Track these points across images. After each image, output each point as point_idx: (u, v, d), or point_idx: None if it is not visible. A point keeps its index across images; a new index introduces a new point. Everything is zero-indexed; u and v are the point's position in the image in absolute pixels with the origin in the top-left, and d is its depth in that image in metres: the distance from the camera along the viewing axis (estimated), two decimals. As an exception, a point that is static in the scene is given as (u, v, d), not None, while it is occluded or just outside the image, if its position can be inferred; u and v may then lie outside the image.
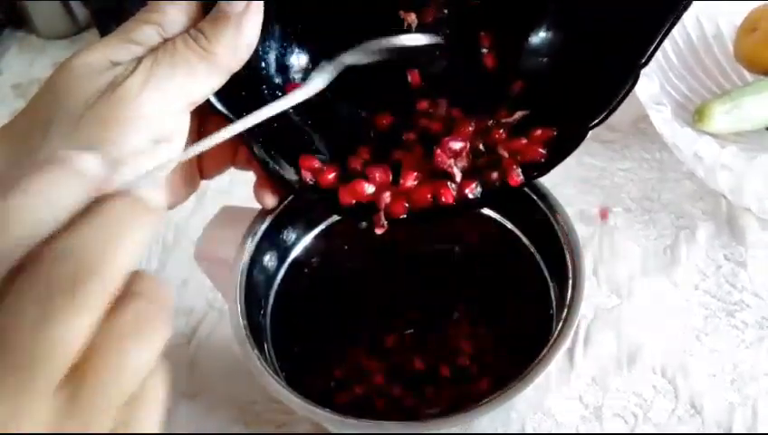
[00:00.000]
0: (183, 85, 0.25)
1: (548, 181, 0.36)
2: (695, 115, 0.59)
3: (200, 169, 0.32)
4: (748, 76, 0.63)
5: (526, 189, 0.36)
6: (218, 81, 0.27)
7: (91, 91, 0.23)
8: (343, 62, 0.30)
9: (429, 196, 0.31)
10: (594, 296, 0.50)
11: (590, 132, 0.29)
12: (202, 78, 0.26)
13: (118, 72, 0.24)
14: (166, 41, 0.25)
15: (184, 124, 0.27)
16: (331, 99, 0.33)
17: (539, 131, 0.30)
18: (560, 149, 0.30)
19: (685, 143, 0.51)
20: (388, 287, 0.48)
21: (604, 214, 0.55)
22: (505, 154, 0.31)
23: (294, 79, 0.33)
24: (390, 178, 0.32)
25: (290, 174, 0.31)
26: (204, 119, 0.31)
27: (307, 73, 0.33)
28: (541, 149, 0.30)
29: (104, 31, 0.82)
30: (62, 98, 0.23)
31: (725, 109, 0.57)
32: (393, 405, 0.45)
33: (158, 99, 0.24)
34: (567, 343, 0.32)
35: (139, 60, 0.24)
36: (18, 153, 0.24)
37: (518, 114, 0.32)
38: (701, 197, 0.57)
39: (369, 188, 0.31)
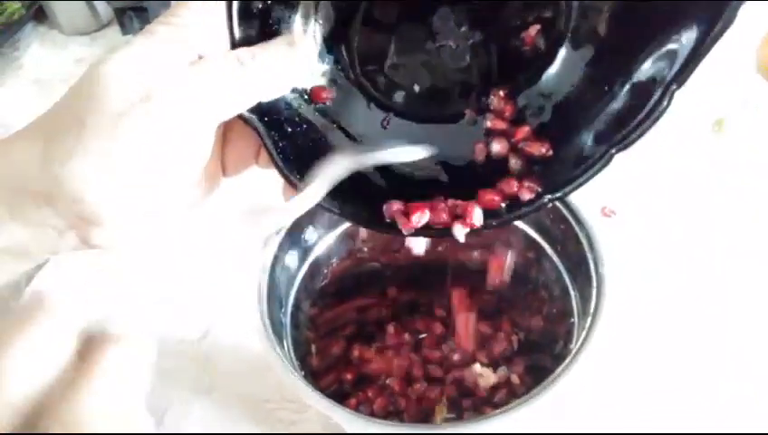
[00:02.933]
0: (216, 103, 0.25)
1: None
2: (714, 125, 0.59)
3: (223, 166, 0.32)
4: (769, 88, 0.63)
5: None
6: (252, 102, 0.27)
7: (125, 100, 0.24)
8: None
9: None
10: (614, 304, 0.50)
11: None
12: (235, 99, 0.26)
13: (152, 82, 0.24)
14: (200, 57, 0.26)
15: (211, 135, 0.27)
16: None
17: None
18: (586, 171, 0.29)
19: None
20: (407, 291, 0.48)
21: (606, 212, 0.56)
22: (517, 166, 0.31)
23: (319, 82, 0.33)
24: None
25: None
26: (228, 124, 0.31)
27: (333, 77, 0.33)
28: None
29: (126, 27, 0.83)
30: (95, 104, 0.24)
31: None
32: (407, 408, 0.45)
33: (193, 113, 0.25)
34: (589, 353, 0.32)
35: (172, 74, 0.25)
36: (52, 153, 0.24)
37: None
38: (721, 204, 0.56)
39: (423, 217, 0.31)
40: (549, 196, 0.29)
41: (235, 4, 0.26)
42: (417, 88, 0.33)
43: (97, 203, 0.24)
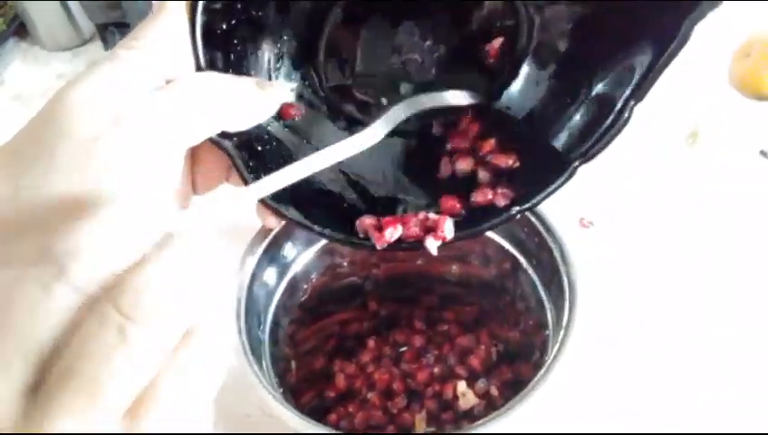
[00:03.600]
0: (184, 128, 0.26)
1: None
2: (688, 138, 0.61)
3: (193, 184, 0.32)
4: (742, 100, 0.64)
5: (526, 212, 0.36)
6: (218, 129, 0.27)
7: (94, 127, 0.24)
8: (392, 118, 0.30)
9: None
10: (588, 316, 0.50)
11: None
12: (202, 125, 0.26)
13: (121, 107, 0.24)
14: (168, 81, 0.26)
15: (181, 159, 0.27)
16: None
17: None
18: (551, 183, 0.29)
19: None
20: (386, 305, 0.48)
21: (584, 223, 0.56)
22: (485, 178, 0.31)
23: (287, 99, 0.33)
24: None
25: (290, 212, 0.30)
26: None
27: (301, 93, 0.33)
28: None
29: (108, 43, 0.83)
30: (66, 130, 0.24)
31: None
32: (388, 423, 0.45)
33: (161, 139, 0.25)
34: (563, 365, 0.33)
35: (139, 99, 0.25)
36: (22, 181, 0.24)
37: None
38: (696, 215, 0.57)
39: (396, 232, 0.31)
40: (517, 207, 0.30)
41: (199, 26, 0.26)
42: (384, 101, 0.33)
43: (69, 231, 0.24)
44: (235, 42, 0.29)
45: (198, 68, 0.27)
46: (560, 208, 0.39)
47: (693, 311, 0.51)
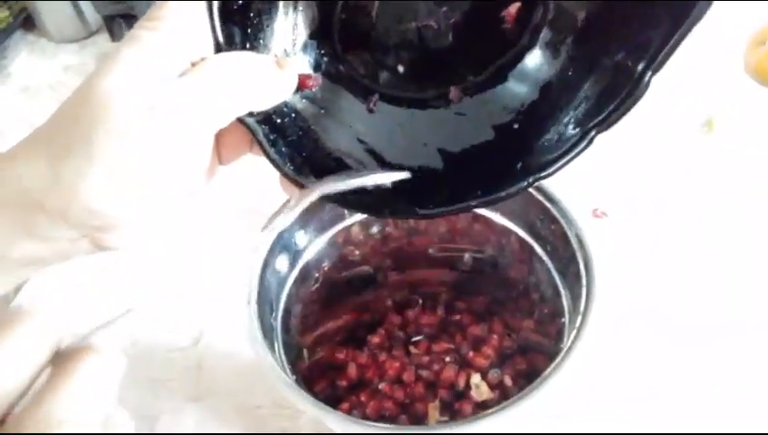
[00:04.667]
0: (212, 114, 0.26)
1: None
2: (703, 126, 0.60)
3: (218, 155, 0.32)
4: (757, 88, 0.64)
5: (541, 199, 0.36)
6: (246, 110, 0.28)
7: (128, 117, 0.24)
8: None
9: None
10: (605, 304, 0.50)
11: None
12: (230, 109, 0.27)
13: (149, 97, 0.25)
14: (193, 64, 0.26)
15: (211, 141, 0.28)
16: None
17: None
18: (568, 152, 0.28)
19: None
20: (398, 294, 0.48)
21: (597, 213, 0.56)
22: None
23: (305, 70, 0.32)
24: None
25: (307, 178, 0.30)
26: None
27: (318, 63, 0.33)
28: None
29: (115, 34, 0.82)
30: (100, 123, 0.24)
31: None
32: (400, 412, 0.45)
33: (192, 125, 0.26)
34: (580, 353, 0.32)
35: (168, 86, 0.25)
36: (62, 173, 0.25)
37: None
38: (710, 204, 0.57)
39: None
40: (532, 177, 0.29)
41: (216, 2, 0.26)
42: (401, 69, 0.33)
43: (112, 215, 0.26)
44: (252, 15, 0.29)
45: (217, 45, 0.27)
46: (573, 199, 0.38)
47: (708, 300, 0.51)
